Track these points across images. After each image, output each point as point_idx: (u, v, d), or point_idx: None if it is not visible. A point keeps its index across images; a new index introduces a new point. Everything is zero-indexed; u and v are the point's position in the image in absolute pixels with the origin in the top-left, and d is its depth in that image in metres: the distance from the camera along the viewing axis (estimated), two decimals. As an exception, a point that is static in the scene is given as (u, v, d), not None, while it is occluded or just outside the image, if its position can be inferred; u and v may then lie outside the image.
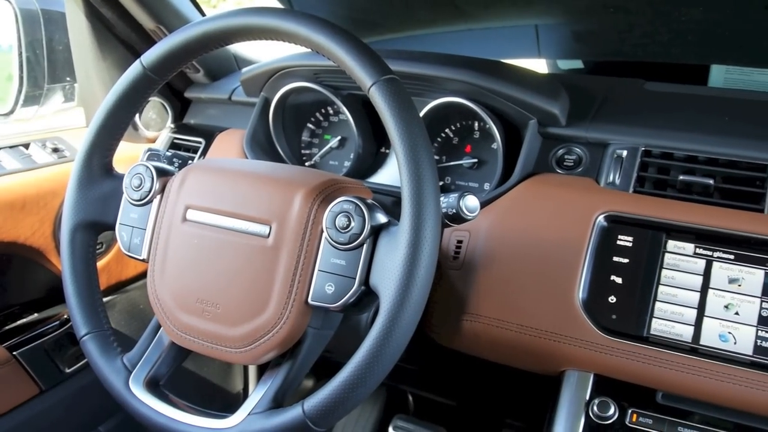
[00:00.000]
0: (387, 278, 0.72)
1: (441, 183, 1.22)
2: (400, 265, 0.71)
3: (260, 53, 1.55)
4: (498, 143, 1.10)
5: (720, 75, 1.33)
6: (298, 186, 0.81)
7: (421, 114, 1.14)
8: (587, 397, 0.90)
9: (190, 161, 0.98)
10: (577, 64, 1.53)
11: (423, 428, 1.50)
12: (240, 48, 1.52)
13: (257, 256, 0.80)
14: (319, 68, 1.19)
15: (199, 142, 1.38)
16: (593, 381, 0.91)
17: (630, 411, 0.88)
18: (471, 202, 0.84)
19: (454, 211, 0.84)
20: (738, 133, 1.00)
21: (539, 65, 1.57)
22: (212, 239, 0.83)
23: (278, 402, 0.81)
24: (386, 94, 0.74)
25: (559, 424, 0.90)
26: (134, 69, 0.88)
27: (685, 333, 0.87)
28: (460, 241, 1.02)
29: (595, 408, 0.88)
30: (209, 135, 1.38)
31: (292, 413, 0.75)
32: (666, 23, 1.27)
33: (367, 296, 0.79)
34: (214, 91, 1.45)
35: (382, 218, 0.78)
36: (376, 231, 0.78)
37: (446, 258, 1.03)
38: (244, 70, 1.33)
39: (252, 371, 1.79)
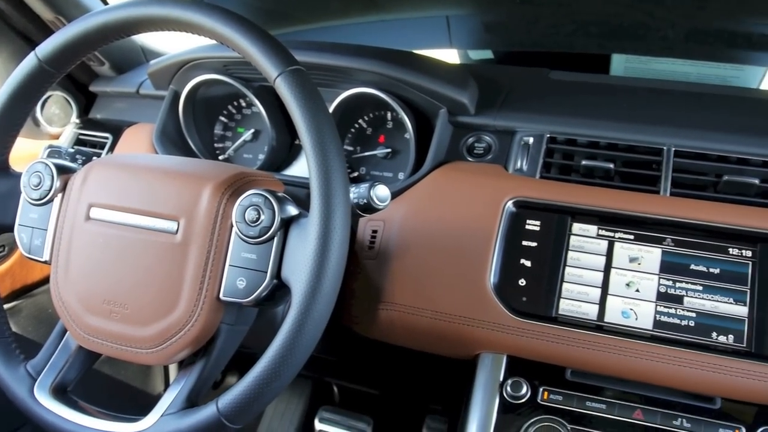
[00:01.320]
0: (298, 270, 0.72)
1: (356, 173, 1.22)
2: (310, 257, 0.71)
3: (169, 44, 1.51)
4: (410, 133, 1.11)
5: (620, 64, 1.39)
6: (206, 180, 0.80)
7: (333, 105, 1.15)
8: (501, 379, 0.92)
9: (95, 157, 0.94)
10: (488, 54, 1.56)
11: (348, 418, 1.50)
12: (147, 39, 1.48)
13: (165, 253, 0.79)
14: (228, 60, 1.17)
15: (106, 138, 1.33)
16: (506, 362, 0.93)
17: (542, 389, 0.91)
18: (381, 191, 0.85)
19: (365, 201, 0.85)
20: (636, 119, 1.04)
21: (451, 55, 1.59)
22: (118, 238, 0.81)
23: (192, 401, 0.79)
24: (292, 85, 0.74)
25: (475, 406, 0.93)
26: (29, 61, 0.84)
27: (591, 311, 0.91)
28: (375, 231, 1.03)
29: (508, 388, 0.91)
30: (117, 130, 1.34)
31: (207, 412, 0.74)
32: (569, 15, 1.31)
33: (280, 289, 0.78)
34: (121, 85, 1.40)
35: (292, 210, 0.78)
36: (287, 223, 0.77)
37: (362, 248, 1.03)
38: (152, 62, 1.30)
39: (173, 371, 1.75)
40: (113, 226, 0.81)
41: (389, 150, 1.19)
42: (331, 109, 1.15)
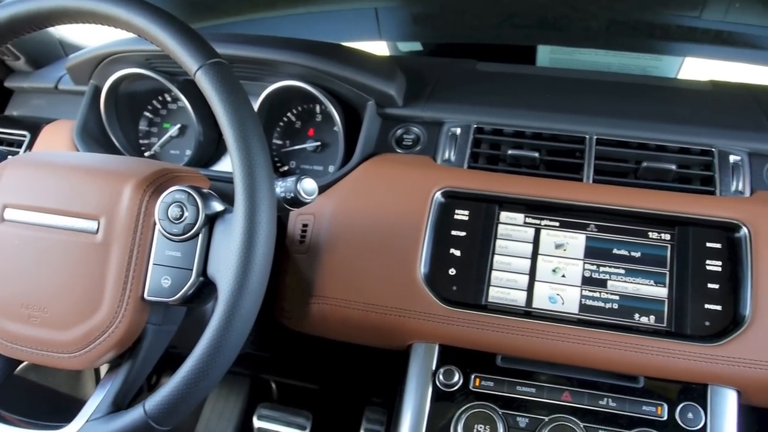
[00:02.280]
0: (224, 267, 0.71)
1: (286, 168, 1.21)
2: (235, 253, 0.70)
3: (89, 37, 1.46)
4: (339, 126, 1.11)
5: (546, 55, 1.42)
6: (127, 177, 0.78)
7: (260, 98, 1.13)
8: (434, 367, 0.93)
9: (10, 156, 0.90)
10: (417, 46, 1.57)
11: (287, 414, 1.50)
12: (66, 32, 1.42)
13: (86, 253, 0.76)
14: (151, 53, 1.14)
15: (23, 136, 1.28)
16: (438, 351, 0.94)
17: (473, 376, 0.92)
18: (308, 185, 0.84)
19: (292, 194, 0.84)
20: (560, 108, 1.07)
21: (381, 48, 1.59)
22: (35, 239, 0.78)
23: (119, 405, 0.77)
24: (212, 78, 0.72)
25: (409, 396, 0.93)
26: None
27: (519, 298, 0.93)
28: (305, 225, 1.02)
29: (441, 377, 0.92)
30: (35, 127, 1.28)
31: (134, 415, 0.72)
32: (496, 7, 1.33)
33: (207, 287, 0.77)
34: (39, 80, 1.35)
35: (217, 206, 0.77)
36: (212, 220, 0.76)
37: (292, 242, 1.02)
38: (70, 56, 1.25)
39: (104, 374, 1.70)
40: (30, 227, 0.78)
41: (319, 143, 1.18)
42: (257, 103, 1.14)
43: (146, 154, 1.29)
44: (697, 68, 1.44)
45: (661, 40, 1.33)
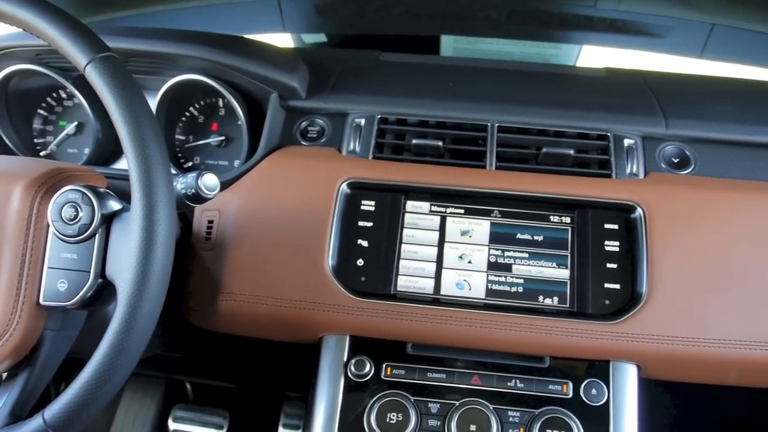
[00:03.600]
0: (122, 267, 0.69)
1: (190, 164, 1.18)
2: (134, 252, 0.67)
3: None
4: (242, 119, 1.09)
5: (449, 45, 1.43)
6: (17, 178, 0.75)
7: (160, 93, 1.10)
8: (345, 359, 0.93)
9: None
10: (321, 38, 1.56)
11: (203, 414, 1.47)
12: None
13: (-27, 259, 0.72)
14: (40, 48, 1.09)
15: None
16: (349, 342, 0.94)
17: (385, 365, 0.92)
18: (209, 180, 0.82)
19: (193, 191, 0.82)
20: (463, 97, 1.08)
21: (285, 40, 1.57)
22: None
23: (17, 415, 0.74)
24: (103, 73, 0.70)
25: (322, 388, 0.93)
26: None
27: (428, 286, 0.94)
28: (211, 222, 1.00)
29: (352, 367, 0.92)
30: None
31: (32, 425, 0.69)
32: (399, -3, 1.34)
33: (106, 289, 0.75)
34: None
35: (114, 205, 0.74)
36: (109, 219, 0.74)
37: (198, 240, 1.00)
38: (-47, 52, 1.18)
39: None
40: None
41: (223, 138, 1.16)
42: (157, 98, 1.10)
43: (42, 153, 1.23)
44: (595, 56, 1.49)
45: (559, 29, 1.37)
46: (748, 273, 0.92)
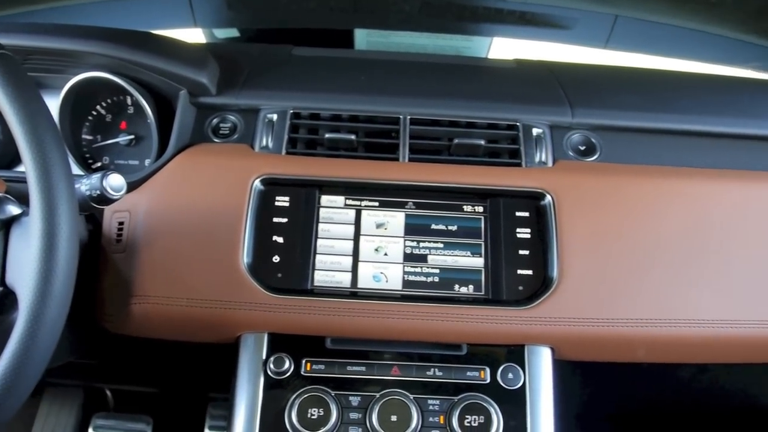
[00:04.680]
0: (23, 275, 0.66)
1: (99, 164, 1.14)
2: (34, 258, 0.65)
3: None
4: (151, 117, 1.06)
5: (363, 38, 1.43)
6: None
7: (63, 92, 1.06)
8: (264, 357, 0.92)
9: None
10: (234, 32, 1.53)
11: (125, 422, 1.43)
12: None
13: None
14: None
15: None
16: (268, 340, 0.93)
17: (304, 361, 0.92)
18: (115, 180, 0.80)
19: (98, 192, 0.79)
20: (376, 90, 1.09)
21: (197, 35, 1.54)
22: None
23: None
24: None
25: (242, 388, 0.92)
26: None
27: (345, 280, 0.94)
28: (121, 223, 0.97)
29: (271, 365, 0.91)
30: None
31: None
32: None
33: (8, 297, 0.72)
34: None
35: (13, 210, 0.71)
36: (7, 224, 0.71)
37: (109, 242, 0.97)
38: None
39: None
40: None
41: (132, 137, 1.12)
42: (60, 97, 1.06)
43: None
44: (507, 47, 1.52)
45: (470, 21, 1.39)
46: (654, 254, 0.96)
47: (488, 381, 0.92)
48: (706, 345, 0.95)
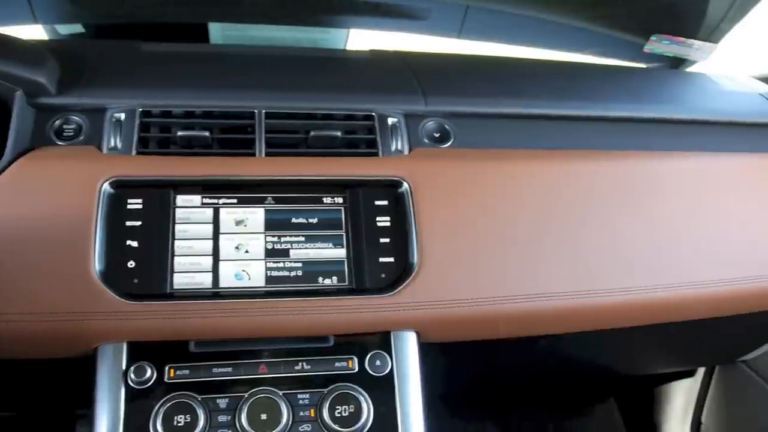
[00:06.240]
0: None
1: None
2: None
3: None
4: (-17, 121, 0.98)
5: (218, 32, 1.40)
6: None
7: None
8: (124, 367, 0.88)
9: None
10: (79, 28, 1.45)
11: None
12: None
13: None
14: None
15: None
16: (127, 349, 0.89)
17: (167, 367, 0.89)
18: None
19: None
20: (230, 85, 1.07)
21: (38, 32, 1.44)
22: None
23: None
24: None
25: (102, 402, 0.87)
26: None
27: (206, 280, 0.91)
28: None
29: (132, 375, 0.87)
30: None
31: None
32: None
33: None
34: None
35: None
36: None
37: None
38: None
39: None
40: None
41: (-34, 143, 1.04)
42: None
43: None
44: (366, 38, 1.53)
45: (326, 13, 1.39)
46: (508, 234, 1.00)
47: (357, 370, 0.92)
48: (558, 316, 1.00)
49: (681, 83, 1.46)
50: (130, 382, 0.87)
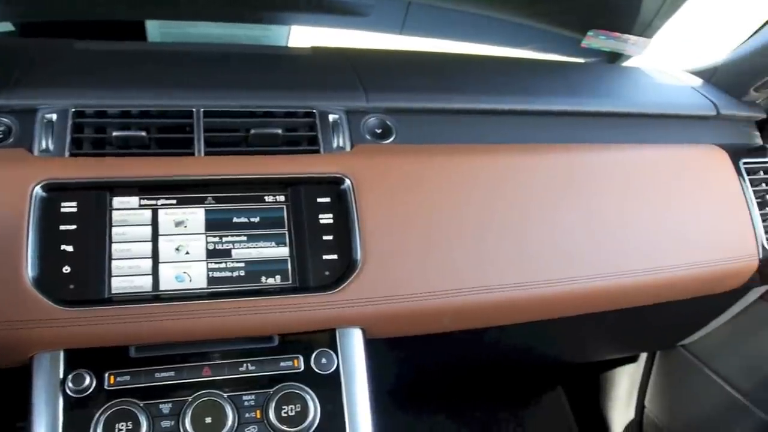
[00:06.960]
0: None
1: None
2: None
3: None
4: None
5: (156, 30, 1.36)
6: None
7: None
8: (61, 376, 0.85)
9: None
10: (8, 26, 1.40)
11: None
12: None
13: None
14: None
15: None
16: (64, 357, 0.86)
17: (107, 374, 0.86)
18: None
19: None
20: (167, 84, 1.04)
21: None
22: None
23: None
24: None
25: (39, 413, 0.84)
26: None
27: (145, 284, 0.89)
28: None
29: (70, 383, 0.84)
30: None
31: None
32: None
33: None
34: None
35: None
36: None
37: None
38: None
39: None
40: None
41: None
42: None
43: None
44: (308, 35, 1.52)
45: (267, 9, 1.37)
46: (450, 228, 1.01)
47: (302, 369, 0.92)
48: (502, 308, 1.02)
49: (617, 77, 1.49)
50: (68, 391, 0.85)
